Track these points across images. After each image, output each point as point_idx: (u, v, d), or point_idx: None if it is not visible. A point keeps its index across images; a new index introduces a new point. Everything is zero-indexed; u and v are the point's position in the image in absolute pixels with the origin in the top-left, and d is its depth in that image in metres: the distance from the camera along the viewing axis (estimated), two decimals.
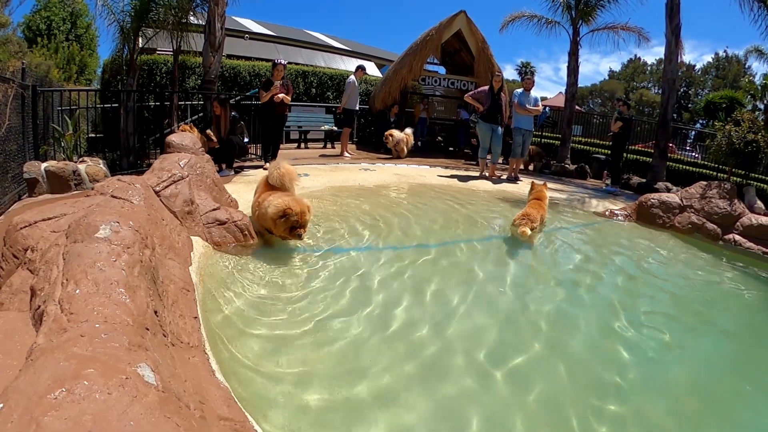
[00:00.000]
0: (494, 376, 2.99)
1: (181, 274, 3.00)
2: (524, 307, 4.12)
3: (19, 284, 2.87)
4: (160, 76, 13.00)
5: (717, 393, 3.20)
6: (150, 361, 1.58)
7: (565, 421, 2.64)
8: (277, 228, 4.53)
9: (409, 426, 2.48)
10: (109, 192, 3.07)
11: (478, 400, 2.75)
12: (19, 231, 3.21)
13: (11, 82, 6.59)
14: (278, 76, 9.24)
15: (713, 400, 3.11)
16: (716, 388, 3.27)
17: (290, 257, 4.56)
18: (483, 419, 2.58)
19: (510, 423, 2.60)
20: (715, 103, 24.53)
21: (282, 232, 4.55)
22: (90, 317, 1.74)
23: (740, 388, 3.28)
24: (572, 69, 13.92)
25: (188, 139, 5.50)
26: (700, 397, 3.10)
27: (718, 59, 54.80)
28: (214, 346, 2.69)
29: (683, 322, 4.24)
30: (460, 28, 14.15)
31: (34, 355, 1.60)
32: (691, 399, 3.07)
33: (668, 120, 11.72)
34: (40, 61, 16.76)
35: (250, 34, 21.43)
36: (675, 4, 11.22)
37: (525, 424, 2.59)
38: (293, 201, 4.52)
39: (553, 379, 3.05)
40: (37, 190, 6.40)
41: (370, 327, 3.44)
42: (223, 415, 1.92)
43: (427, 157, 13.29)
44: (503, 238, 6.11)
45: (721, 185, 7.49)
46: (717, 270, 5.86)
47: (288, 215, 4.42)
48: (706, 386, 3.26)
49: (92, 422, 1.24)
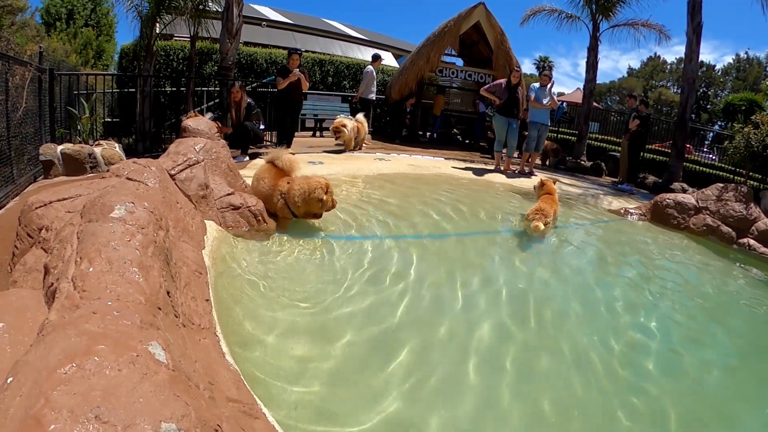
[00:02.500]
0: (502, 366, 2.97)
1: (194, 257, 3.00)
2: (526, 301, 4.09)
3: (32, 263, 2.89)
4: (177, 62, 13.04)
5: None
6: (161, 339, 1.57)
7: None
8: (311, 205, 4.77)
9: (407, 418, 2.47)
10: (124, 174, 3.08)
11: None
12: (34, 211, 3.23)
13: (28, 66, 6.62)
14: (294, 64, 9.28)
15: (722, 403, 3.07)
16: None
17: (303, 243, 4.55)
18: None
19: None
20: (735, 104, 24.28)
21: (316, 209, 4.82)
22: (103, 295, 1.74)
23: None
24: (591, 65, 13.79)
25: (204, 124, 5.50)
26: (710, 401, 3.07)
27: (739, 60, 54.07)
28: (225, 328, 2.69)
29: (691, 325, 4.17)
30: (478, 19, 14.01)
31: (46, 330, 1.60)
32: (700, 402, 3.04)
33: (686, 120, 11.58)
34: (57, 46, 16.89)
35: (268, 21, 21.41)
36: (697, 2, 11.04)
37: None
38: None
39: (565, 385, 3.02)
40: (53, 172, 6.45)
41: (385, 316, 3.44)
42: (232, 397, 1.91)
43: (442, 149, 13.22)
44: (515, 232, 6.07)
45: (738, 188, 7.38)
46: (731, 274, 5.77)
47: (329, 191, 4.75)
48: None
49: (101, 398, 1.23)
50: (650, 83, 59.15)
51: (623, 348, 3.46)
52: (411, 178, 8.53)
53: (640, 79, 59.95)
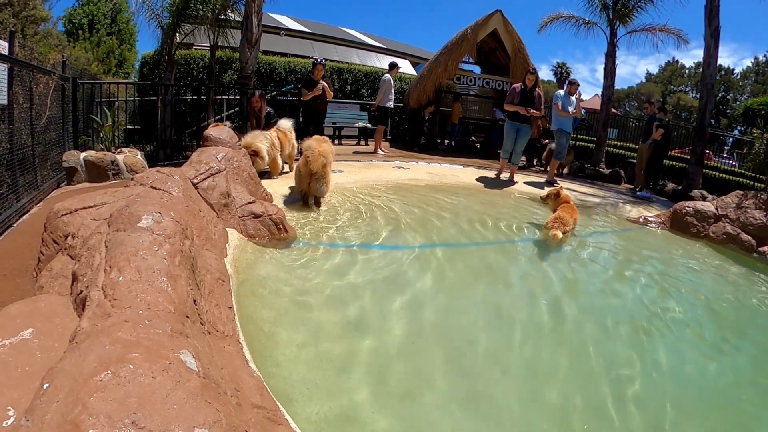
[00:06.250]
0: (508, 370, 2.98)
1: (217, 265, 3.05)
2: (536, 308, 4.09)
3: (59, 269, 2.96)
4: (197, 71, 13.22)
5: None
6: (191, 348, 1.61)
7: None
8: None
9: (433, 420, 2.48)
10: (148, 183, 3.15)
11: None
12: (60, 218, 3.31)
13: (52, 75, 6.76)
14: (318, 75, 9.41)
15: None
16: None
17: (323, 252, 4.59)
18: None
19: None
20: (754, 109, 23.98)
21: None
22: (133, 303, 1.79)
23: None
24: (609, 71, 13.72)
25: (225, 133, 5.58)
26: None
27: (758, 64, 53.39)
28: (248, 335, 2.73)
29: (712, 336, 4.13)
30: (496, 27, 14.03)
31: (79, 338, 1.65)
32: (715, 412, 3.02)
33: (706, 126, 11.46)
34: (79, 54, 17.20)
35: (286, 30, 21.59)
36: (714, 6, 10.95)
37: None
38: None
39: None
40: (76, 178, 6.58)
41: (408, 324, 3.46)
42: (257, 403, 1.95)
43: (460, 156, 13.25)
44: (534, 240, 6.06)
45: (758, 195, 7.28)
46: (751, 284, 5.67)
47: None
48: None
49: (137, 404, 1.28)
50: (669, 88, 58.71)
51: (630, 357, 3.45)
52: (430, 188, 8.52)
53: (658, 84, 59.53)
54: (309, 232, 5.06)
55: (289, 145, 8.09)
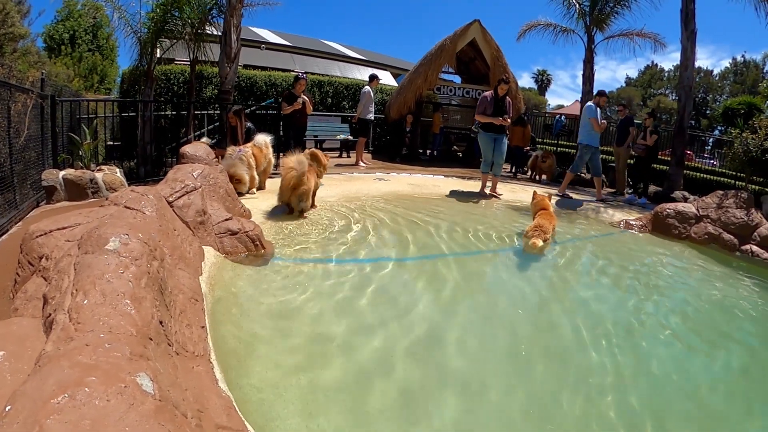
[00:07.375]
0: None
1: (190, 284, 3.07)
2: (518, 317, 4.14)
3: (33, 291, 2.97)
4: (178, 86, 13.22)
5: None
6: (150, 370, 1.64)
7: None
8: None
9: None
10: (122, 202, 3.17)
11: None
12: (34, 239, 3.32)
13: (30, 93, 6.75)
14: (300, 90, 9.48)
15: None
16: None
17: (301, 268, 4.59)
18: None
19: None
20: (734, 109, 24.41)
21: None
22: (96, 327, 1.82)
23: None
24: (587, 77, 13.94)
25: (202, 149, 5.61)
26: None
27: (736, 64, 54.41)
28: (221, 355, 2.74)
29: (697, 338, 4.18)
30: (474, 37, 14.19)
31: (42, 361, 1.68)
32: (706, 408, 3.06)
33: (685, 127, 11.66)
34: (60, 71, 17.14)
35: (267, 44, 21.64)
36: (690, 9, 11.17)
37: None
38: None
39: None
40: (55, 197, 6.56)
41: (387, 340, 3.46)
42: (222, 424, 1.97)
43: (442, 166, 13.35)
44: (515, 249, 6.10)
45: (738, 194, 7.42)
46: (734, 282, 5.74)
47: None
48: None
49: (90, 427, 1.31)
50: (648, 92, 59.44)
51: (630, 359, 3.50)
52: (410, 199, 8.52)
53: (638, 88, 60.23)
54: (287, 247, 5.07)
55: (265, 161, 8.07)
